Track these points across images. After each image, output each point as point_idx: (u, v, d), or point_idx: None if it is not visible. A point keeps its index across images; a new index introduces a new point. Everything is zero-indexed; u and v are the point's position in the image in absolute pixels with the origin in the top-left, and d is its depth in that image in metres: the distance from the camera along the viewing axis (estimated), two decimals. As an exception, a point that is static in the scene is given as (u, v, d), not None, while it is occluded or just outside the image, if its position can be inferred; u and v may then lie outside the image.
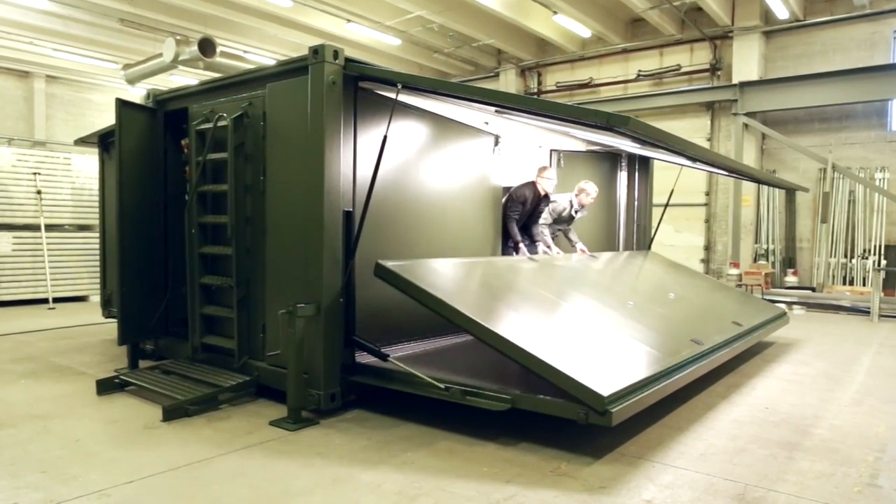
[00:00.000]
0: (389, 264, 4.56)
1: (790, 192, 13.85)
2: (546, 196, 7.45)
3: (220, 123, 5.18)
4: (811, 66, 13.37)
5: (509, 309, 4.85)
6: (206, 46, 12.29)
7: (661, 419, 4.51)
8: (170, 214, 6.07)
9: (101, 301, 7.70)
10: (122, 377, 5.17)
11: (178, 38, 12.59)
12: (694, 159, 6.22)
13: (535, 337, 4.26)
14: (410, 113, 5.42)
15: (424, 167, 5.62)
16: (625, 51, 15.82)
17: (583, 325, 5.05)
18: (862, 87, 12.43)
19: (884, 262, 12.51)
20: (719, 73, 14.66)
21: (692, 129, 14.82)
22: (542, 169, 7.46)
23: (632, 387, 3.98)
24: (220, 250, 5.29)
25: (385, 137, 4.53)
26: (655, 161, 8.88)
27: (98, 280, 8.16)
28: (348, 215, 4.63)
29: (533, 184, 7.38)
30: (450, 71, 18.50)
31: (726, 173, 9.12)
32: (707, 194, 14.89)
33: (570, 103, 14.69)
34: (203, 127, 5.34)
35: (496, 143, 6.65)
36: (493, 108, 4.92)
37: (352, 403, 4.68)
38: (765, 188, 14.11)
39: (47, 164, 10.43)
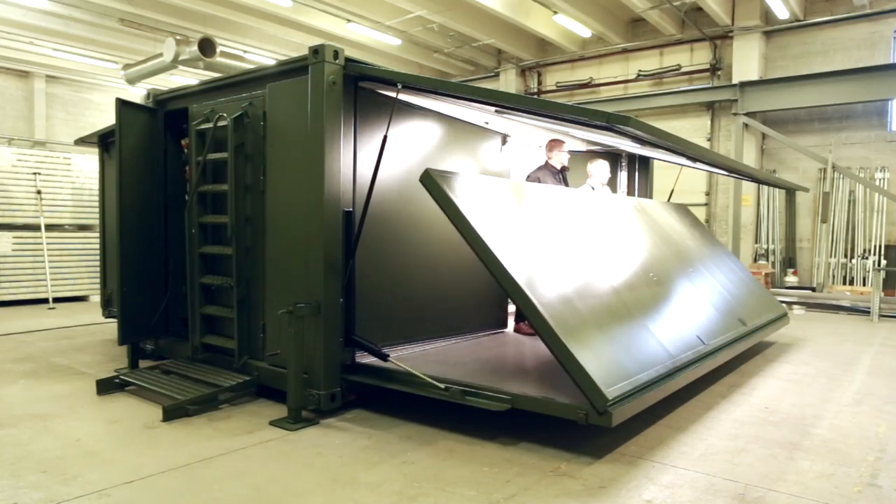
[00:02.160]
0: (436, 172, 4.39)
1: (790, 192, 13.85)
2: (564, 171, 6.86)
3: (220, 123, 5.18)
4: (811, 66, 13.38)
5: (542, 255, 4.60)
6: (206, 46, 12.29)
7: (661, 419, 4.51)
8: (170, 214, 6.07)
9: (101, 301, 7.71)
10: (122, 377, 5.17)
11: (178, 38, 12.59)
12: (694, 159, 6.18)
13: (558, 301, 4.16)
14: (414, 112, 5.41)
15: (430, 166, 5.60)
16: (625, 51, 15.83)
17: (605, 292, 4.86)
18: (862, 87, 12.43)
19: (884, 262, 12.51)
20: (719, 73, 14.67)
21: (692, 128, 14.83)
22: (555, 143, 6.75)
23: (635, 388, 3.99)
24: (220, 250, 5.29)
25: (385, 137, 4.52)
26: (655, 161, 8.87)
27: (98, 280, 8.16)
28: (348, 215, 4.63)
29: (545, 164, 6.77)
30: (450, 71, 18.50)
31: (726, 173, 9.11)
32: (707, 194, 14.90)
33: (570, 103, 14.69)
34: (203, 127, 5.34)
35: (504, 143, 6.62)
36: (494, 108, 4.91)
37: (352, 403, 4.68)
38: (765, 188, 14.11)
39: (47, 164, 10.43)
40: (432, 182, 4.32)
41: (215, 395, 4.71)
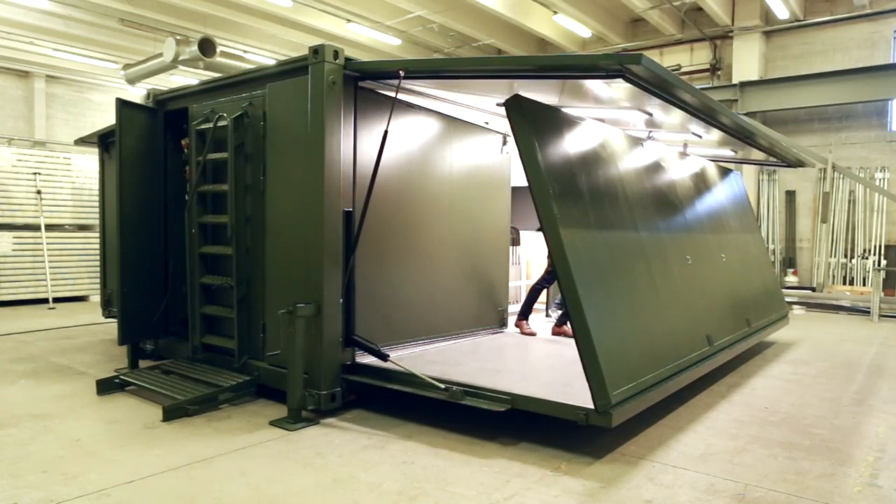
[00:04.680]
0: (525, 98, 4.21)
1: (790, 192, 13.85)
2: None
3: (220, 123, 5.18)
4: (811, 66, 13.38)
5: (596, 215, 4.48)
6: (206, 46, 12.29)
7: (661, 419, 4.51)
8: (170, 214, 6.07)
9: (101, 301, 7.71)
10: (122, 377, 5.17)
11: (178, 38, 12.59)
12: (703, 119, 5.59)
13: (597, 286, 4.09)
14: (414, 113, 5.41)
15: (430, 167, 5.61)
16: (625, 51, 15.82)
17: (642, 272, 4.76)
18: (862, 87, 12.44)
19: (884, 262, 12.51)
20: (719, 72, 14.66)
21: (692, 128, 14.82)
22: None
23: (639, 390, 4.00)
24: (220, 250, 5.29)
25: (385, 133, 4.51)
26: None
27: (98, 280, 8.16)
28: (348, 215, 4.63)
29: None
30: (450, 71, 18.48)
31: (732, 152, 8.64)
32: (707, 194, 14.89)
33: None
34: (203, 127, 5.34)
35: (504, 143, 6.62)
36: (501, 78, 4.67)
37: (352, 403, 4.68)
38: (765, 188, 14.12)
39: (47, 164, 10.44)
40: (516, 108, 4.13)
41: (215, 395, 4.71)
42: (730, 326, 5.94)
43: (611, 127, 5.56)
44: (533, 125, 4.19)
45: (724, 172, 7.97)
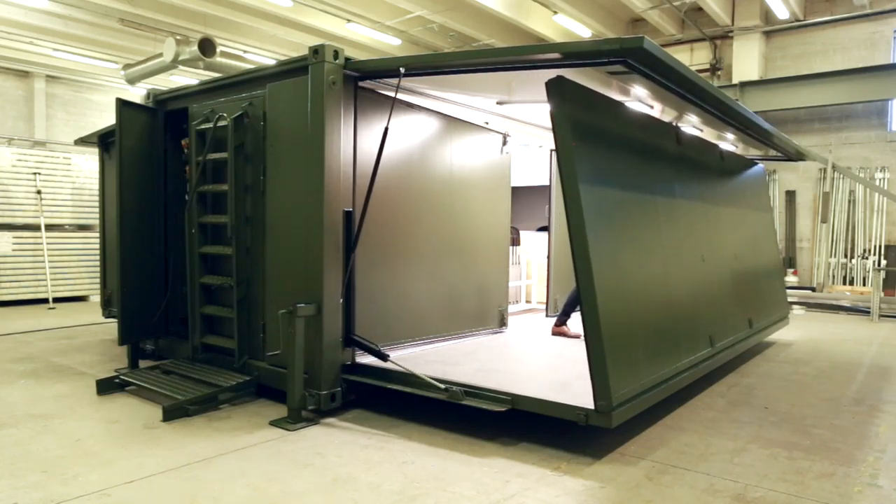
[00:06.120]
0: (567, 80, 4.09)
1: (790, 192, 13.84)
2: None
3: (220, 123, 5.18)
4: (811, 66, 13.39)
5: (623, 209, 4.43)
6: (206, 46, 12.30)
7: (661, 419, 4.51)
8: (170, 214, 6.07)
9: (101, 301, 7.71)
10: (122, 377, 5.17)
11: (178, 38, 12.60)
12: (702, 106, 5.26)
13: (614, 284, 4.04)
14: (414, 113, 5.41)
15: (430, 167, 5.61)
16: (625, 51, 15.82)
17: (657, 270, 4.72)
18: (862, 87, 12.45)
19: (884, 262, 12.52)
20: (719, 72, 14.67)
21: (692, 128, 14.83)
22: None
23: (641, 391, 4.01)
24: (220, 250, 5.29)
25: (386, 130, 4.51)
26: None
27: (98, 280, 8.17)
28: (348, 215, 4.63)
29: None
30: (450, 71, 18.48)
31: (732, 148, 8.56)
32: (707, 194, 14.89)
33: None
34: (203, 127, 5.34)
35: (504, 143, 6.62)
36: (502, 73, 4.49)
37: (352, 403, 4.68)
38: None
39: (47, 164, 10.44)
40: (559, 91, 4.02)
41: (215, 395, 4.71)
42: (733, 327, 5.94)
43: (651, 113, 5.42)
44: (571, 106, 4.08)
45: (749, 164, 7.86)
